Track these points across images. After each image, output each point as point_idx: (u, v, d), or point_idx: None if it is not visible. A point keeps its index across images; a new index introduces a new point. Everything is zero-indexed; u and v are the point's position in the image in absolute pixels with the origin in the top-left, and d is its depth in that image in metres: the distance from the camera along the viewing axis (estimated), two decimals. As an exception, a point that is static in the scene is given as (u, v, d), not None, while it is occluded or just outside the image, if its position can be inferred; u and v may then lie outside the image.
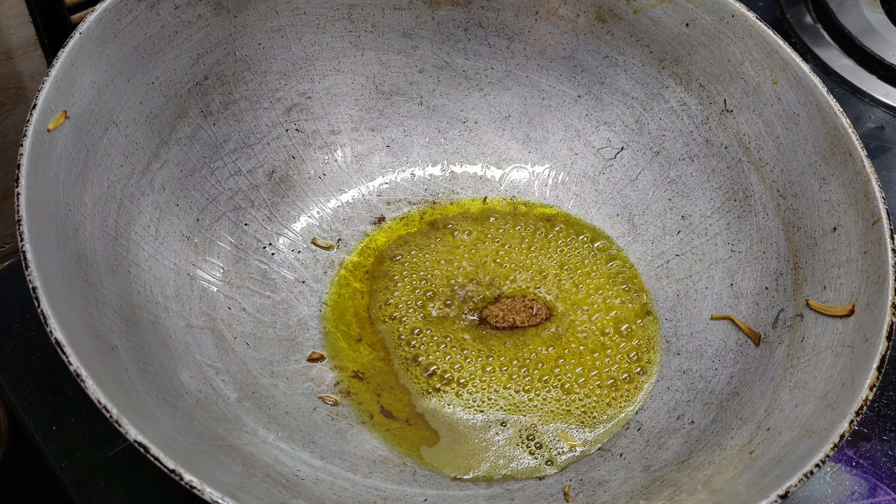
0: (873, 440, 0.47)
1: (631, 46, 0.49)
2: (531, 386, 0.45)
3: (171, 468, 0.29)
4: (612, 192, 0.52)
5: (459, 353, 0.46)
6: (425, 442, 0.43)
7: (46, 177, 0.35)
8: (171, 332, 0.40)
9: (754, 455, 0.36)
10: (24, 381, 0.44)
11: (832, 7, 0.66)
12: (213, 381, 0.40)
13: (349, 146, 0.52)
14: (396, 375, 0.45)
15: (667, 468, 0.40)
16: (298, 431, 0.41)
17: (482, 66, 0.52)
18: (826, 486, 0.46)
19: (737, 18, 0.45)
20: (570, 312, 0.48)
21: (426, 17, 0.50)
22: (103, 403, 0.30)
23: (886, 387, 0.49)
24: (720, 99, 0.47)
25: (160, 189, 0.43)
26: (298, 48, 0.49)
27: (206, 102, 0.46)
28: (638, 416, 0.44)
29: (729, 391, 0.42)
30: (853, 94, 0.63)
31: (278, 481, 0.36)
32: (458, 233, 0.51)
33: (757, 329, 0.44)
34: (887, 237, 0.38)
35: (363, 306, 0.48)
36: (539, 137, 0.53)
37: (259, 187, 0.49)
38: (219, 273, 0.45)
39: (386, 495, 0.39)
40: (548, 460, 0.43)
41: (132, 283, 0.40)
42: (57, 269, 0.33)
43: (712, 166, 0.48)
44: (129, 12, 0.41)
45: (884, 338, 0.36)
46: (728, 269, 0.47)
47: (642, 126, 0.51)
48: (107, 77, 0.40)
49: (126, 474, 0.42)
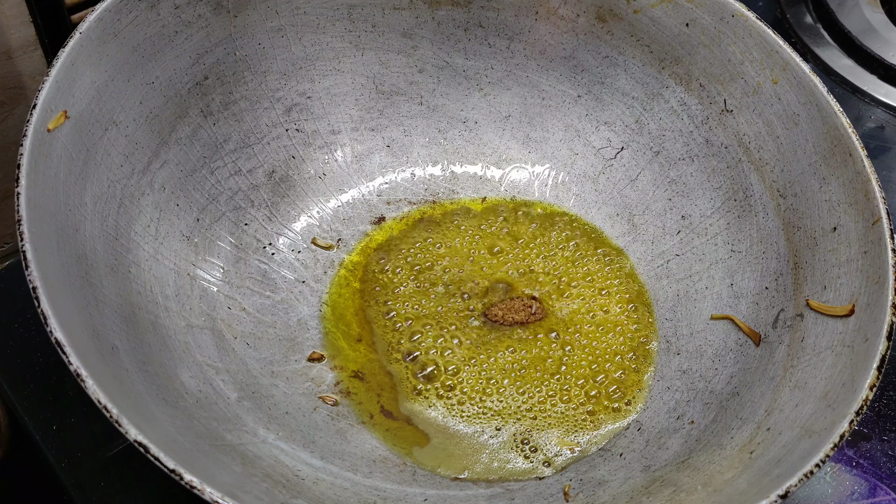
0: (873, 440, 0.47)
1: (631, 46, 0.49)
2: (528, 390, 0.45)
3: (171, 468, 0.29)
4: (612, 192, 0.52)
5: (455, 355, 0.46)
6: (418, 443, 0.43)
7: (46, 177, 0.35)
8: (171, 331, 0.40)
9: (754, 455, 0.36)
10: (24, 381, 0.44)
11: (832, 7, 0.66)
12: (213, 381, 0.40)
13: (349, 146, 0.52)
14: (391, 376, 0.45)
15: (667, 468, 0.40)
16: (298, 431, 0.41)
17: (482, 66, 0.52)
18: (826, 486, 0.46)
19: (737, 18, 0.45)
20: (568, 312, 0.48)
21: (426, 17, 0.50)
22: (103, 403, 0.30)
23: (886, 387, 0.49)
24: (720, 99, 0.47)
25: (160, 189, 0.43)
26: (298, 48, 0.49)
27: (206, 102, 0.46)
28: (638, 417, 0.44)
29: (729, 391, 0.42)
30: (853, 94, 0.63)
31: (278, 481, 0.36)
32: (456, 232, 0.51)
33: (757, 329, 0.44)
34: (887, 237, 0.38)
35: (363, 306, 0.48)
36: (539, 137, 0.53)
37: (259, 187, 0.49)
38: (219, 273, 0.45)
39: (386, 495, 0.39)
40: (545, 461, 0.43)
41: (132, 283, 0.40)
42: (57, 269, 0.33)
43: (712, 166, 0.48)
44: (129, 12, 0.41)
45: (884, 338, 0.36)
46: (728, 268, 0.47)
47: (642, 126, 0.51)
48: (107, 77, 0.40)
49: (126, 474, 0.42)
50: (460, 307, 0.47)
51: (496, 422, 0.44)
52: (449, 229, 0.51)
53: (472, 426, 0.43)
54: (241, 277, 0.46)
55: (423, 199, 0.52)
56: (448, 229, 0.51)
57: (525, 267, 0.49)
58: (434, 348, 0.46)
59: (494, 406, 0.44)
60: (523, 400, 0.44)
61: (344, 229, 0.50)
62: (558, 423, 0.44)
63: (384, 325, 0.47)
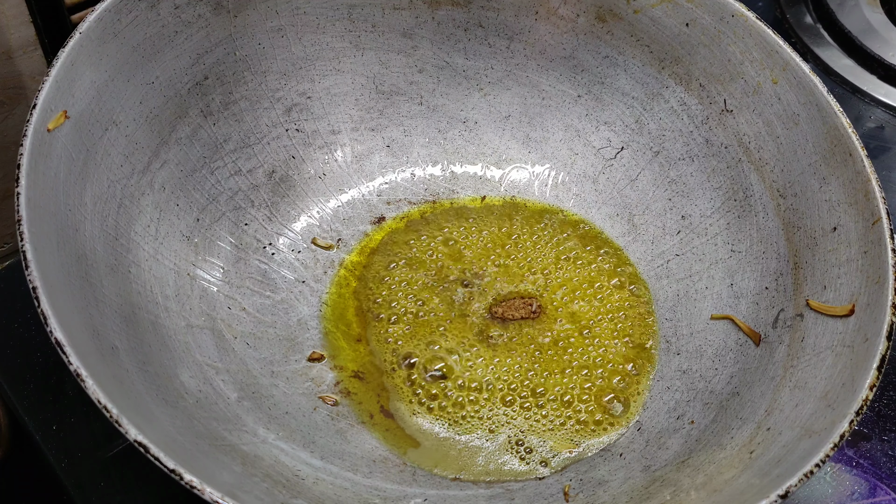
0: (873, 440, 0.47)
1: (631, 46, 0.49)
2: (527, 391, 0.45)
3: (171, 468, 0.29)
4: (612, 192, 0.52)
5: (452, 356, 0.46)
6: (413, 445, 0.43)
7: (46, 177, 0.35)
8: (171, 331, 0.40)
9: (754, 455, 0.36)
10: (24, 381, 0.44)
11: (832, 7, 0.66)
12: (213, 381, 0.40)
13: (349, 146, 0.52)
14: (384, 376, 0.45)
15: (667, 468, 0.40)
16: (298, 431, 0.41)
17: (482, 66, 0.52)
18: (826, 486, 0.46)
19: (737, 18, 0.45)
20: (567, 312, 0.48)
21: (426, 17, 0.50)
22: (103, 403, 0.30)
23: (886, 387, 0.49)
24: (720, 99, 0.47)
25: (160, 189, 0.43)
26: (298, 48, 0.49)
27: (206, 102, 0.46)
28: (638, 417, 0.44)
29: (729, 391, 0.42)
30: (853, 94, 0.63)
31: (278, 481, 0.36)
32: (456, 232, 0.51)
33: (757, 329, 0.44)
34: (887, 237, 0.38)
35: (362, 306, 0.47)
36: (539, 137, 0.53)
37: (259, 187, 0.49)
38: (219, 273, 0.45)
39: (386, 495, 0.39)
40: (542, 461, 0.43)
41: (132, 283, 0.40)
42: (57, 269, 0.33)
43: (712, 166, 0.48)
44: (129, 12, 0.41)
45: (884, 338, 0.36)
46: (728, 268, 0.47)
47: (642, 126, 0.51)
48: (107, 77, 0.40)
49: (126, 474, 0.42)
50: (459, 307, 0.47)
51: (490, 423, 0.44)
52: (449, 229, 0.51)
53: (468, 427, 0.43)
54: (241, 277, 0.46)
55: (423, 199, 0.52)
56: (448, 229, 0.51)
57: (525, 267, 0.49)
58: (431, 352, 0.46)
59: (491, 407, 0.44)
60: (522, 400, 0.44)
61: (344, 229, 0.50)
62: (558, 423, 0.44)
63: (374, 326, 0.47)
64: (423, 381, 0.45)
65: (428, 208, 0.52)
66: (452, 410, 0.44)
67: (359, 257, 0.49)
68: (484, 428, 0.43)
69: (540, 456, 0.43)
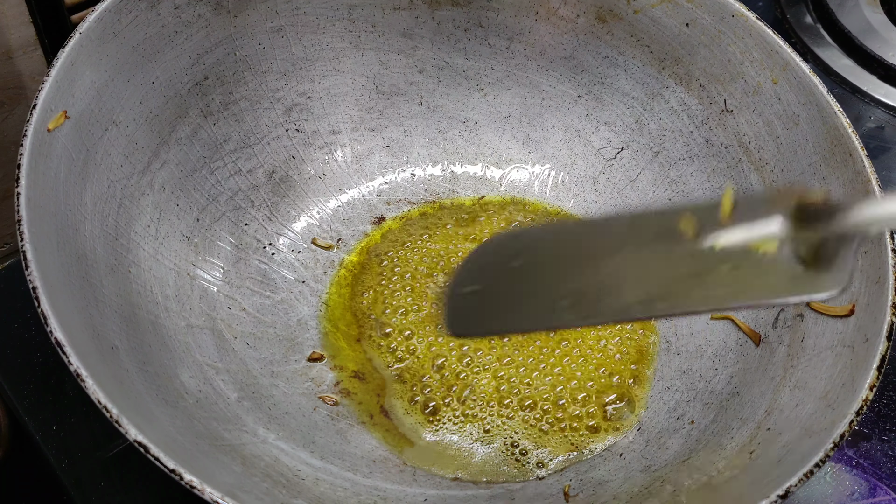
0: (873, 440, 0.47)
1: (631, 46, 0.49)
2: (523, 396, 0.45)
3: (171, 468, 0.29)
4: (613, 192, 0.52)
5: (451, 356, 0.46)
6: (408, 445, 0.43)
7: (46, 177, 0.35)
8: (171, 332, 0.40)
9: (754, 455, 0.36)
10: (24, 381, 0.44)
11: (832, 7, 0.66)
12: (213, 381, 0.40)
13: (349, 146, 0.52)
14: (383, 376, 0.45)
15: (667, 468, 0.40)
16: (298, 431, 0.41)
17: (482, 66, 0.52)
18: (826, 486, 0.46)
19: (737, 18, 0.45)
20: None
21: (426, 17, 0.50)
22: (103, 403, 0.30)
23: (886, 387, 0.49)
24: (720, 99, 0.47)
25: (160, 189, 0.43)
26: (298, 48, 0.49)
27: (206, 102, 0.46)
28: (638, 417, 0.44)
29: (729, 391, 0.42)
30: (853, 94, 0.63)
31: (278, 481, 0.36)
32: (456, 232, 0.51)
33: (757, 329, 0.44)
34: (887, 237, 0.38)
35: (361, 306, 0.47)
36: (539, 137, 0.53)
37: (259, 187, 0.49)
38: (219, 273, 0.45)
39: (386, 495, 0.39)
40: (539, 462, 0.43)
41: (132, 283, 0.40)
42: (57, 269, 0.33)
43: (712, 166, 0.48)
44: (129, 12, 0.41)
45: (884, 338, 0.36)
46: (728, 269, 0.47)
47: (642, 126, 0.51)
48: (107, 77, 0.40)
49: (126, 474, 0.42)
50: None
51: (486, 425, 0.44)
52: (448, 229, 0.51)
53: (466, 428, 0.43)
54: (241, 277, 0.46)
55: (423, 199, 0.52)
56: (448, 229, 0.51)
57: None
58: (430, 352, 0.46)
59: (490, 408, 0.44)
60: (521, 400, 0.44)
61: (344, 229, 0.50)
62: (557, 423, 0.44)
63: (370, 326, 0.46)
64: (422, 380, 0.45)
65: (428, 208, 0.52)
66: (451, 411, 0.44)
67: (359, 257, 0.49)
68: (481, 429, 0.43)
69: (537, 458, 0.43)
